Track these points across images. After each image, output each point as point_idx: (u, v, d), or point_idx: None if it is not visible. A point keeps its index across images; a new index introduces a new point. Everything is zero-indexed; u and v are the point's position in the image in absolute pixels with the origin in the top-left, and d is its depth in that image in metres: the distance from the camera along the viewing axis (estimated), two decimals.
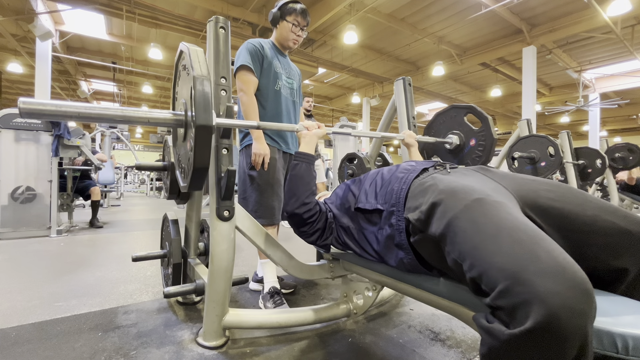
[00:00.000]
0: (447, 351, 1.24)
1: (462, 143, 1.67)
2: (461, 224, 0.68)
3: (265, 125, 1.21)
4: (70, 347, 1.22)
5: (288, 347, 1.26)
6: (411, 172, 0.94)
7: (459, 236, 0.67)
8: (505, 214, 0.66)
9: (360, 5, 6.31)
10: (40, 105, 0.85)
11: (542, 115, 13.86)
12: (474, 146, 1.63)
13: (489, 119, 1.58)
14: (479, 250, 0.62)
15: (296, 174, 1.15)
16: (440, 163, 0.99)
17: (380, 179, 1.02)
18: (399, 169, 1.01)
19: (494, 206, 0.68)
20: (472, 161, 1.64)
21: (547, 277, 0.52)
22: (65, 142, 3.41)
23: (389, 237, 0.91)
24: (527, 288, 0.52)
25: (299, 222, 1.12)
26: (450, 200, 0.73)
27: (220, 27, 1.24)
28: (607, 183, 4.37)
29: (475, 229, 0.65)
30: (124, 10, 6.30)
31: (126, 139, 7.92)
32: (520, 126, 3.38)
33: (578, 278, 0.52)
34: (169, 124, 1.05)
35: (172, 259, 1.53)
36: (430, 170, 0.94)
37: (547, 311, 0.49)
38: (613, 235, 0.72)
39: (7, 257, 2.52)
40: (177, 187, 1.52)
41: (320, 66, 9.10)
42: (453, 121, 1.71)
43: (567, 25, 7.02)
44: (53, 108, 0.86)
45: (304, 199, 1.10)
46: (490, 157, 1.59)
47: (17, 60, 8.30)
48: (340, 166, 2.12)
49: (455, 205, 0.71)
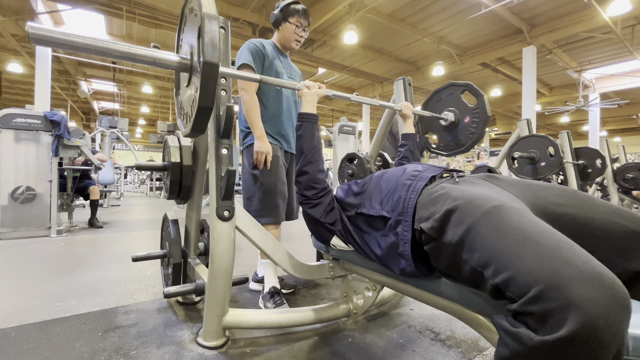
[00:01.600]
0: (447, 351, 1.24)
1: (456, 120, 1.69)
2: (482, 231, 0.66)
3: (267, 79, 1.19)
4: (70, 347, 1.22)
5: (288, 347, 1.26)
6: (419, 179, 0.92)
7: (479, 242, 0.65)
8: (527, 219, 0.64)
9: (360, 5, 6.31)
10: (49, 32, 0.86)
11: (542, 115, 13.86)
12: (468, 123, 1.65)
13: (484, 96, 1.60)
14: (505, 256, 0.60)
15: (301, 134, 1.19)
16: (447, 170, 0.97)
17: (385, 184, 1.00)
18: (404, 174, 0.98)
19: (514, 212, 0.67)
20: (465, 138, 1.66)
21: (584, 284, 0.50)
22: (65, 142, 3.40)
23: (392, 245, 0.90)
24: (563, 294, 0.50)
25: (305, 183, 1.15)
26: (467, 208, 0.71)
27: (220, 27, 1.24)
28: (607, 183, 4.37)
29: (499, 235, 0.63)
30: (124, 10, 6.30)
31: (126, 139, 7.92)
32: (520, 126, 3.38)
33: (616, 286, 0.50)
34: (174, 67, 1.04)
35: (172, 259, 1.53)
36: (438, 179, 0.93)
37: (585, 319, 0.47)
38: (626, 238, 0.72)
39: (7, 257, 2.52)
40: (177, 187, 1.52)
41: (320, 66, 9.11)
42: (450, 98, 1.73)
43: (567, 25, 7.02)
44: (61, 37, 0.88)
45: (310, 158, 1.15)
46: (482, 134, 1.61)
47: (17, 60, 8.30)
48: (340, 166, 2.12)
49: (473, 212, 0.69)
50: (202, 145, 1.48)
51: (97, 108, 14.40)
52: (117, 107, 13.19)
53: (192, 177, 1.53)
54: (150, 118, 17.62)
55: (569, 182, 3.59)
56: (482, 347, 1.28)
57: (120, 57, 0.96)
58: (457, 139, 1.69)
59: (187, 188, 1.54)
